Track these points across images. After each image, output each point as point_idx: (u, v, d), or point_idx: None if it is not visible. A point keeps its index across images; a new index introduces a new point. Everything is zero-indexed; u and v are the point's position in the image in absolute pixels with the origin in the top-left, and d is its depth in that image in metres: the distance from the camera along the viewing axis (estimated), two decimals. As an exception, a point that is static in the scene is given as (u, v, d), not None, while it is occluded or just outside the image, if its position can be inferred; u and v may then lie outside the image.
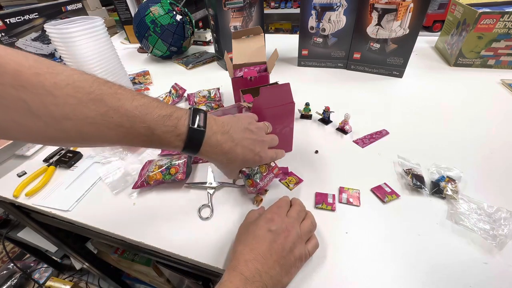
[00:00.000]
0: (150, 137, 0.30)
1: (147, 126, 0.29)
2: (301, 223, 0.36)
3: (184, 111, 0.33)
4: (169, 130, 0.31)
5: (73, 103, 0.26)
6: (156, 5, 0.95)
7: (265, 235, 0.32)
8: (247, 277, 0.28)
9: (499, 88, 0.71)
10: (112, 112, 0.27)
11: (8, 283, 1.25)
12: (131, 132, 0.29)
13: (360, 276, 0.34)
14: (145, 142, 0.31)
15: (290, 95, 0.46)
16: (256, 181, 0.42)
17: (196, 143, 0.33)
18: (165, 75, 0.96)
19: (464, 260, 0.35)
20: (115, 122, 0.28)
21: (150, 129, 0.30)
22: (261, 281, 0.29)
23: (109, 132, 0.28)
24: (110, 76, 0.64)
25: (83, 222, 0.45)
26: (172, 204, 0.46)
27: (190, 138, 0.32)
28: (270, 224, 0.33)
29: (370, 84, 0.79)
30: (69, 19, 0.59)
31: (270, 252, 0.31)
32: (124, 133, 0.29)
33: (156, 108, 0.30)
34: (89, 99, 0.26)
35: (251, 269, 0.29)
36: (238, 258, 0.31)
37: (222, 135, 0.35)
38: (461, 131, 0.57)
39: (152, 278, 0.88)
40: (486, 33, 0.75)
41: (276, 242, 0.32)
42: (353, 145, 0.55)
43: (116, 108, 0.28)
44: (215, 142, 0.34)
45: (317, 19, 0.81)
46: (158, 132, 0.30)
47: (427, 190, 0.43)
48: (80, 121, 0.26)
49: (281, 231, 0.33)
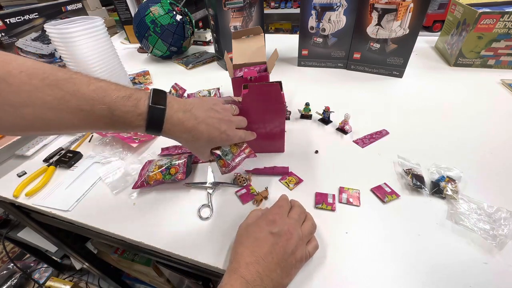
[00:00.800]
0: (111, 118, 0.30)
1: (107, 108, 0.30)
2: (302, 225, 0.36)
3: (143, 92, 0.34)
4: (129, 110, 0.31)
5: (29, 89, 0.26)
6: (156, 5, 0.95)
7: (266, 238, 0.32)
8: (248, 281, 0.28)
9: (499, 88, 0.71)
10: (69, 96, 0.28)
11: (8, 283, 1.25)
12: (91, 115, 0.29)
13: (360, 276, 0.34)
14: (108, 124, 0.31)
15: (279, 96, 0.45)
16: (228, 162, 0.42)
17: (157, 122, 0.33)
18: (165, 75, 0.96)
19: (464, 260, 0.35)
20: (73, 106, 0.28)
21: (110, 110, 0.30)
22: (262, 285, 0.28)
23: (69, 116, 0.28)
24: (110, 76, 0.64)
25: (83, 222, 0.45)
26: (172, 204, 0.46)
27: (151, 116, 0.32)
28: (271, 227, 0.33)
29: (370, 84, 0.79)
30: (69, 19, 0.59)
31: (272, 255, 0.31)
32: (84, 116, 0.29)
33: (114, 90, 0.31)
34: (44, 84, 0.27)
35: (252, 272, 0.29)
36: (238, 260, 0.30)
37: (184, 113, 0.35)
38: (461, 131, 0.57)
39: (152, 278, 0.88)
40: (486, 33, 0.75)
41: (278, 244, 0.32)
42: (353, 145, 0.55)
43: (72, 92, 0.28)
44: (176, 120, 0.34)
45: (317, 19, 0.81)
46: (118, 113, 0.30)
47: (427, 190, 0.43)
48: (38, 107, 0.26)
49: (283, 233, 0.33)
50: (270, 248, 0.31)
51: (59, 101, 0.27)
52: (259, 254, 0.30)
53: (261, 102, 0.46)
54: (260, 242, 0.32)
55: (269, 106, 0.46)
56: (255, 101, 0.46)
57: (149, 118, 0.32)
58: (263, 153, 0.54)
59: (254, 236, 0.33)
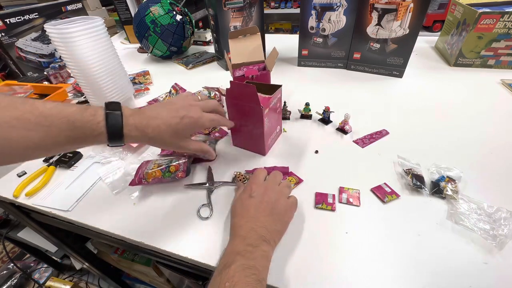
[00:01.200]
0: (72, 130, 0.31)
1: (66, 120, 0.31)
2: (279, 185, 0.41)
3: (98, 106, 0.35)
4: (89, 120, 0.33)
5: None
6: (156, 5, 0.95)
7: (249, 201, 0.38)
8: (244, 236, 0.34)
9: (499, 88, 0.71)
10: (28, 114, 0.29)
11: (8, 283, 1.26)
12: (52, 130, 0.30)
13: (360, 276, 0.34)
14: (69, 138, 0.31)
15: (256, 99, 0.45)
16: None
17: (116, 126, 0.34)
18: (165, 75, 0.96)
19: (464, 260, 0.35)
20: (32, 122, 0.29)
21: (70, 122, 0.31)
22: (256, 234, 0.34)
23: (29, 133, 0.29)
24: (110, 76, 0.64)
25: (83, 222, 0.45)
26: (172, 204, 0.46)
27: (110, 123, 0.34)
28: (250, 192, 0.39)
29: (370, 84, 0.79)
30: (69, 19, 0.59)
31: (258, 211, 0.36)
32: (45, 132, 0.30)
33: (70, 106, 0.33)
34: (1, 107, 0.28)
35: (246, 229, 0.35)
36: (234, 228, 0.36)
37: (139, 115, 0.37)
38: (461, 131, 0.57)
39: (152, 278, 0.88)
40: (486, 33, 0.75)
41: (261, 202, 0.37)
42: (353, 145, 0.55)
43: (30, 111, 0.30)
44: (132, 123, 0.36)
45: (317, 19, 0.81)
46: (78, 124, 0.32)
47: (427, 190, 0.43)
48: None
49: (261, 193, 0.38)
50: (254, 207, 0.37)
51: (18, 120, 0.28)
52: (247, 215, 0.36)
53: (241, 101, 0.47)
54: (245, 207, 0.37)
55: (248, 106, 0.47)
56: (236, 99, 0.48)
57: (108, 125, 0.34)
58: (263, 154, 0.54)
59: (240, 205, 0.38)
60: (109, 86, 0.64)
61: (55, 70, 0.89)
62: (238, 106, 0.49)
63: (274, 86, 0.51)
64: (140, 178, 0.47)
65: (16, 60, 0.95)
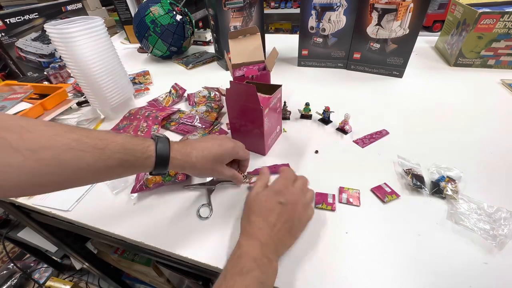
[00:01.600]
0: (124, 153, 0.33)
1: (120, 143, 0.33)
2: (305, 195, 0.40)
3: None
4: (139, 143, 0.35)
5: (49, 134, 0.29)
6: (156, 5, 0.95)
7: (275, 207, 0.36)
8: (262, 242, 0.33)
9: (499, 88, 0.71)
10: (85, 138, 0.31)
11: (8, 283, 1.26)
12: (105, 152, 0.31)
13: (360, 276, 0.34)
14: (121, 160, 0.33)
15: (256, 99, 0.45)
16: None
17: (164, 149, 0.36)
18: (165, 75, 0.96)
19: (464, 260, 0.35)
20: (89, 144, 0.30)
21: (123, 144, 0.33)
22: (274, 245, 0.34)
23: (85, 155, 0.30)
24: (110, 76, 0.64)
25: (83, 222, 0.45)
26: (171, 204, 0.46)
27: (159, 146, 0.36)
28: (279, 197, 0.37)
29: (370, 84, 0.79)
30: (69, 19, 0.59)
31: (281, 221, 0.35)
32: (99, 154, 0.31)
33: (119, 135, 0.35)
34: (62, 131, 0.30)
35: (265, 234, 0.34)
36: (253, 227, 0.35)
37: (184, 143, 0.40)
38: (461, 131, 0.57)
39: (152, 278, 0.88)
40: (486, 33, 0.75)
41: (286, 212, 0.36)
42: (353, 145, 0.55)
43: (86, 134, 0.31)
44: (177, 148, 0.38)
45: (317, 19, 0.81)
46: (130, 146, 0.34)
47: (427, 190, 0.43)
48: (56, 149, 0.28)
49: (289, 202, 0.37)
50: (279, 215, 0.36)
51: (76, 142, 0.30)
52: (270, 221, 0.35)
53: (241, 101, 0.47)
54: (270, 211, 0.36)
55: (248, 106, 0.47)
56: (236, 99, 0.48)
57: (157, 147, 0.36)
58: (263, 154, 0.54)
59: (264, 206, 0.37)
60: (109, 86, 0.64)
61: (55, 70, 0.89)
62: (238, 106, 0.49)
63: (274, 86, 0.51)
64: (141, 185, 0.47)
65: (16, 60, 0.95)
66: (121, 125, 0.66)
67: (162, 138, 0.37)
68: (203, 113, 0.66)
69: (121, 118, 0.68)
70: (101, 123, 0.69)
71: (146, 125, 0.63)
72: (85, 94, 0.67)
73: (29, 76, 0.95)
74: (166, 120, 0.66)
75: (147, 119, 0.64)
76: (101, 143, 0.31)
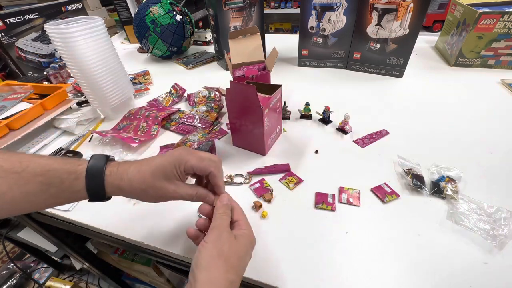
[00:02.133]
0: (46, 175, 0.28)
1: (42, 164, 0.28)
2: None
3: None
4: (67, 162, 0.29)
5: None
6: (156, 5, 0.95)
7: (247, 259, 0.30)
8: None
9: (499, 88, 0.71)
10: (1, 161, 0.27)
11: (8, 283, 1.25)
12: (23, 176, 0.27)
13: (360, 276, 0.34)
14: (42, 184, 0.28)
15: (256, 99, 0.45)
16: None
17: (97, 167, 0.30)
18: (165, 75, 0.96)
19: (464, 260, 0.35)
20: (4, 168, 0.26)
21: (46, 167, 0.28)
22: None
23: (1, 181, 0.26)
24: (110, 76, 0.64)
25: (83, 222, 0.45)
26: (171, 204, 0.45)
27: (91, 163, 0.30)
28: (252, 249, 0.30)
29: (370, 84, 0.79)
30: (69, 19, 0.59)
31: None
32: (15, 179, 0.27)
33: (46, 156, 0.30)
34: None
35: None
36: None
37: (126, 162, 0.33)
38: (461, 131, 0.57)
39: (152, 278, 0.88)
40: (486, 33, 0.75)
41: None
42: (353, 145, 0.55)
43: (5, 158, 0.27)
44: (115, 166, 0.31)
45: (317, 19, 0.81)
46: (55, 166, 0.28)
47: (427, 190, 0.43)
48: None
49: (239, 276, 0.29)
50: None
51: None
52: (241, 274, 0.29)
53: (241, 101, 0.47)
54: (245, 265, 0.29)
55: (248, 106, 0.47)
56: (236, 99, 0.48)
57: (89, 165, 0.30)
58: (263, 154, 0.54)
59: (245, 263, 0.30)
60: (109, 86, 0.64)
61: (55, 70, 0.89)
62: (238, 106, 0.49)
63: (274, 86, 0.51)
64: None
65: (16, 60, 0.95)
66: (121, 125, 0.66)
67: (99, 155, 0.31)
68: (203, 113, 0.66)
69: (121, 118, 0.68)
70: (101, 123, 0.69)
71: (146, 125, 0.63)
72: (85, 94, 0.67)
73: (29, 76, 0.95)
74: (166, 120, 0.66)
75: (147, 119, 0.64)
76: (19, 166, 0.27)
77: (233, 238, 0.29)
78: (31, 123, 0.62)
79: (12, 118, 0.60)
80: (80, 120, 0.67)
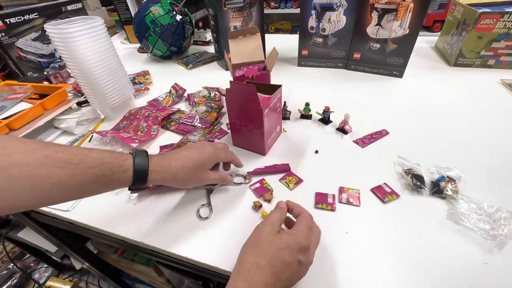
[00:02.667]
0: (99, 167, 0.32)
1: (95, 157, 0.32)
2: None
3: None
4: (116, 156, 0.34)
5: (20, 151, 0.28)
6: (156, 5, 0.95)
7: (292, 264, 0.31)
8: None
9: (499, 88, 0.71)
10: (60, 153, 0.30)
11: (8, 283, 1.26)
12: (79, 167, 0.30)
13: (360, 276, 0.34)
14: (96, 176, 0.32)
15: (256, 99, 0.45)
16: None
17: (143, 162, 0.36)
18: (165, 75, 0.96)
19: (464, 260, 0.35)
20: (62, 159, 0.29)
21: (98, 160, 0.32)
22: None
23: (57, 171, 0.29)
24: (110, 76, 0.64)
25: (83, 222, 0.45)
26: (171, 204, 0.46)
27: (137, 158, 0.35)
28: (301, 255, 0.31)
29: (370, 84, 0.79)
30: (69, 19, 0.59)
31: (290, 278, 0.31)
32: (73, 169, 0.30)
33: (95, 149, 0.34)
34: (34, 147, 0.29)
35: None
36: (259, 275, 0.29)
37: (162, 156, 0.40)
38: (461, 131, 0.57)
39: (152, 278, 0.88)
40: (486, 33, 0.75)
41: (299, 271, 0.32)
42: (353, 145, 0.55)
43: (60, 149, 0.30)
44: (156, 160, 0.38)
45: (317, 19, 0.81)
46: (107, 160, 0.33)
47: (427, 190, 0.43)
48: (28, 165, 0.27)
49: (307, 263, 0.32)
50: (292, 273, 0.31)
51: (49, 158, 0.29)
52: (280, 277, 0.30)
53: (241, 101, 0.47)
54: (286, 266, 0.31)
55: (248, 106, 0.47)
56: (236, 99, 0.48)
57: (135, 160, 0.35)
58: (263, 154, 0.54)
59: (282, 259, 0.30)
60: (109, 86, 0.64)
61: (55, 70, 0.89)
62: (238, 106, 0.49)
63: (274, 86, 0.51)
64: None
65: (16, 60, 0.95)
66: (121, 125, 0.66)
67: (140, 152, 0.37)
68: (203, 113, 0.67)
69: (121, 118, 0.68)
70: (101, 123, 0.69)
71: (146, 125, 0.63)
72: (85, 94, 0.67)
73: (29, 76, 0.95)
74: (166, 120, 0.66)
75: (147, 119, 0.64)
76: (75, 158, 0.30)
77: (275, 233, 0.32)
78: (31, 123, 0.62)
79: (12, 118, 0.60)
80: (80, 120, 0.67)
